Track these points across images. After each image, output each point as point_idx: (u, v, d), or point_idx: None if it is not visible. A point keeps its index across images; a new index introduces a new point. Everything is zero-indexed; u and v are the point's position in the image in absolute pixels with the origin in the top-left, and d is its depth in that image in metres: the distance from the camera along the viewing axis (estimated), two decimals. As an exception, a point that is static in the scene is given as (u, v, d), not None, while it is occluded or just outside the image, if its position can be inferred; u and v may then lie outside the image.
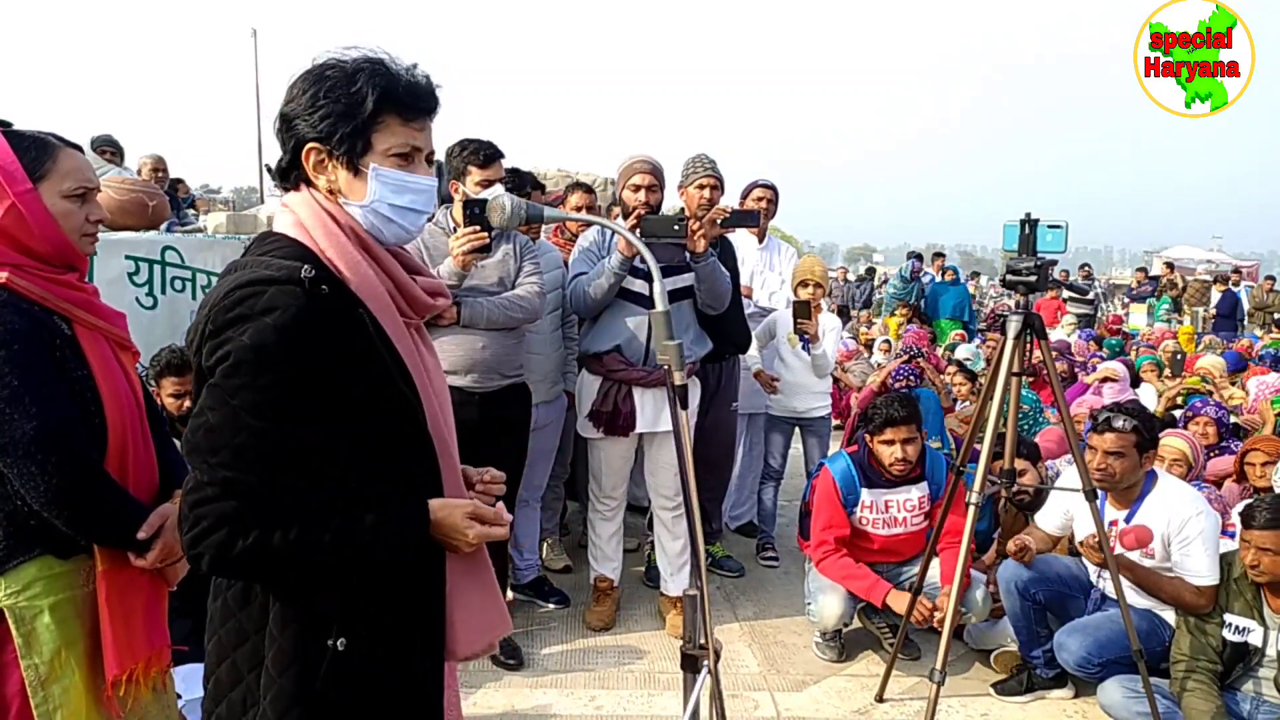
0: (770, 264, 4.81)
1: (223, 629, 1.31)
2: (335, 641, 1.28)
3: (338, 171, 1.35)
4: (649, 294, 3.48)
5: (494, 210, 1.51)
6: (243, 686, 1.29)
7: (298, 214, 1.35)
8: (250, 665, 1.29)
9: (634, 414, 3.51)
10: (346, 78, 1.31)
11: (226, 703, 1.30)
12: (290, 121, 1.34)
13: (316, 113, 1.31)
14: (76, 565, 1.70)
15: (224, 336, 1.22)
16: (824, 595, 3.50)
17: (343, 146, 1.32)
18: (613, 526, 3.79)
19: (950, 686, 3.08)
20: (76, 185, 1.70)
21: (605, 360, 3.48)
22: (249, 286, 1.23)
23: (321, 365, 1.24)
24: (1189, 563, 2.98)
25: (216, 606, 1.33)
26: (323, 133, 1.32)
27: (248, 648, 1.29)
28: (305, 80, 1.33)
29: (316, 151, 1.33)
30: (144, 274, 3.65)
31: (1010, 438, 2.84)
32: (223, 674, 1.31)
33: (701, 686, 1.53)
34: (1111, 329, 12.57)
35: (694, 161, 3.87)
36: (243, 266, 1.31)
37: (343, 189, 1.35)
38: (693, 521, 1.54)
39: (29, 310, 1.63)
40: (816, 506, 3.59)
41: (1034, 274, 2.71)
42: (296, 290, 1.23)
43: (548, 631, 3.70)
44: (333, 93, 1.30)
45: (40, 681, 1.65)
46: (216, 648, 1.32)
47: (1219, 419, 4.76)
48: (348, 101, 1.30)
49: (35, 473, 1.57)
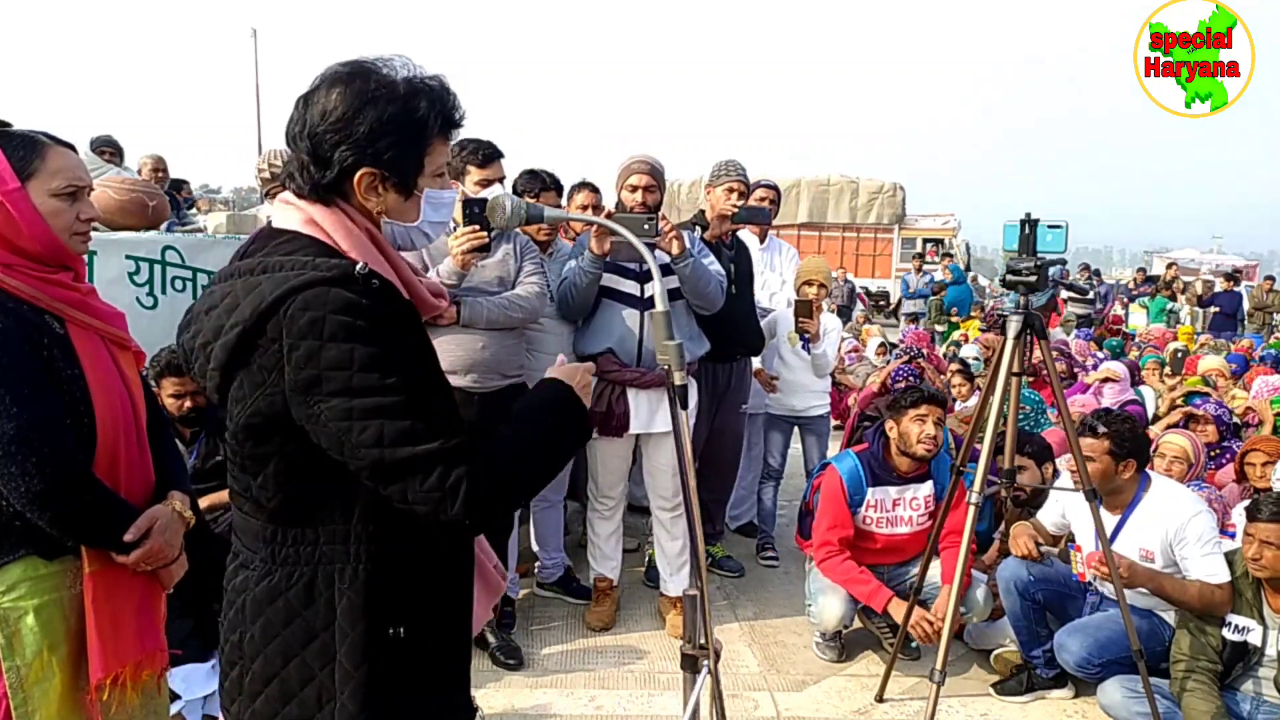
0: (771, 264, 4.83)
1: (286, 630, 1.30)
2: (397, 630, 1.31)
3: (389, 194, 1.33)
4: (640, 295, 3.48)
5: (495, 211, 1.51)
6: (315, 684, 1.29)
7: (311, 214, 1.31)
8: (323, 662, 1.29)
9: (628, 415, 3.51)
10: (403, 101, 1.28)
11: (297, 701, 1.30)
12: (336, 144, 1.27)
13: (380, 141, 1.27)
14: (63, 567, 1.69)
15: (307, 347, 1.19)
16: (824, 597, 3.49)
17: (402, 173, 1.32)
18: (611, 526, 3.80)
19: (950, 686, 3.08)
20: (66, 184, 1.69)
21: (599, 361, 3.48)
22: (307, 289, 1.20)
23: (399, 347, 1.25)
24: (1202, 564, 2.97)
25: (276, 608, 1.30)
26: (388, 162, 1.29)
27: (317, 645, 1.29)
28: (350, 96, 1.27)
29: (371, 176, 1.30)
30: (144, 274, 3.65)
31: (1010, 437, 2.84)
32: (290, 674, 1.30)
33: (701, 686, 1.53)
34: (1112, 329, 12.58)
35: (725, 164, 3.97)
36: (271, 268, 1.26)
37: (391, 210, 1.35)
38: (692, 521, 1.54)
39: (16, 309, 1.62)
40: (821, 506, 3.58)
41: (1034, 274, 2.71)
42: (354, 287, 1.23)
43: (548, 631, 3.70)
44: (397, 121, 1.27)
45: (21, 683, 1.64)
46: (281, 648, 1.30)
47: (1219, 418, 4.77)
48: (414, 131, 1.30)
49: (16, 473, 1.56)
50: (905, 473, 3.53)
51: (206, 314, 1.29)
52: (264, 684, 1.32)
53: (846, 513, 3.52)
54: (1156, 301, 15.98)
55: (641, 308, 3.48)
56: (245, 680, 1.33)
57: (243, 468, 1.32)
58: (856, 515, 3.55)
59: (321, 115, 1.28)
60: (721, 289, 3.58)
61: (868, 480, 3.54)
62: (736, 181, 3.91)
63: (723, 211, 3.89)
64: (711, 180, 4.00)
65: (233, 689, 1.36)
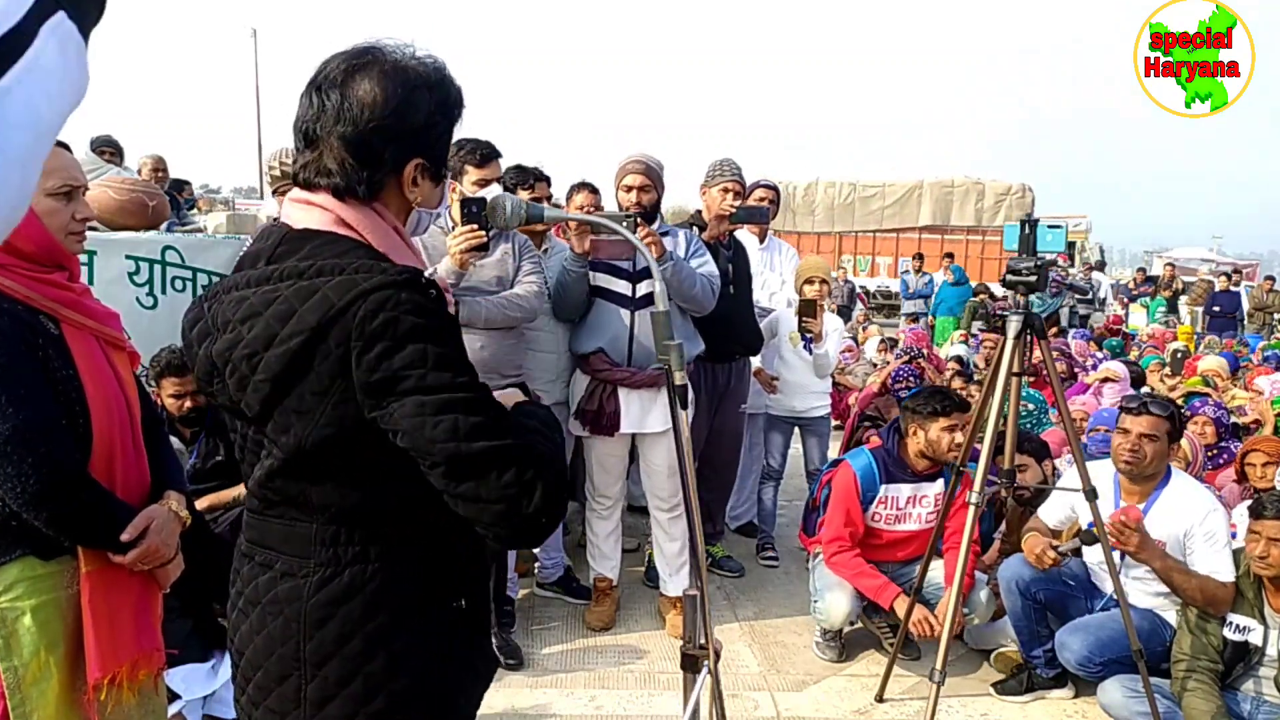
0: (771, 264, 4.82)
1: (369, 626, 1.28)
2: (459, 602, 1.36)
3: (425, 184, 1.33)
4: (632, 294, 3.48)
5: (495, 211, 1.51)
6: (403, 673, 1.29)
7: (339, 213, 1.27)
8: (406, 648, 1.30)
9: (619, 414, 3.50)
10: (442, 87, 1.29)
11: (385, 694, 1.29)
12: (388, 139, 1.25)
13: (433, 130, 1.28)
14: (60, 567, 1.69)
15: (383, 347, 1.17)
16: (831, 593, 3.48)
17: (440, 161, 1.33)
18: (609, 525, 3.79)
19: (950, 686, 3.08)
20: (61, 183, 1.68)
21: (591, 360, 3.48)
22: (379, 292, 1.17)
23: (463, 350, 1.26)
24: (1212, 560, 2.97)
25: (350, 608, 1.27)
26: (439, 152, 1.31)
27: (400, 633, 1.29)
28: (393, 88, 1.24)
29: (418, 168, 1.30)
30: (144, 274, 3.65)
31: (1010, 437, 2.84)
32: (376, 669, 1.28)
33: (701, 686, 1.53)
34: (1112, 329, 12.58)
35: (720, 164, 3.94)
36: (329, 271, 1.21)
37: (424, 199, 1.34)
38: (693, 521, 1.54)
39: (11, 309, 1.62)
40: (833, 502, 3.57)
41: (1034, 274, 2.71)
42: (425, 291, 1.21)
43: (548, 631, 3.70)
44: (441, 107, 1.28)
45: (19, 683, 1.63)
46: (362, 646, 1.27)
47: (1217, 419, 4.77)
48: (452, 114, 1.31)
49: (12, 474, 1.56)
50: (921, 471, 3.53)
51: (243, 322, 1.23)
52: (340, 685, 1.28)
53: (859, 509, 3.51)
54: (1156, 302, 16.00)
55: (633, 307, 3.48)
56: (307, 690, 1.29)
57: (300, 476, 1.26)
58: (866, 512, 3.54)
59: (364, 109, 1.23)
60: (713, 290, 3.54)
61: (881, 477, 3.53)
62: (732, 181, 3.89)
63: (720, 212, 3.88)
64: (707, 180, 3.96)
65: (283, 704, 1.31)
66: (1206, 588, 2.91)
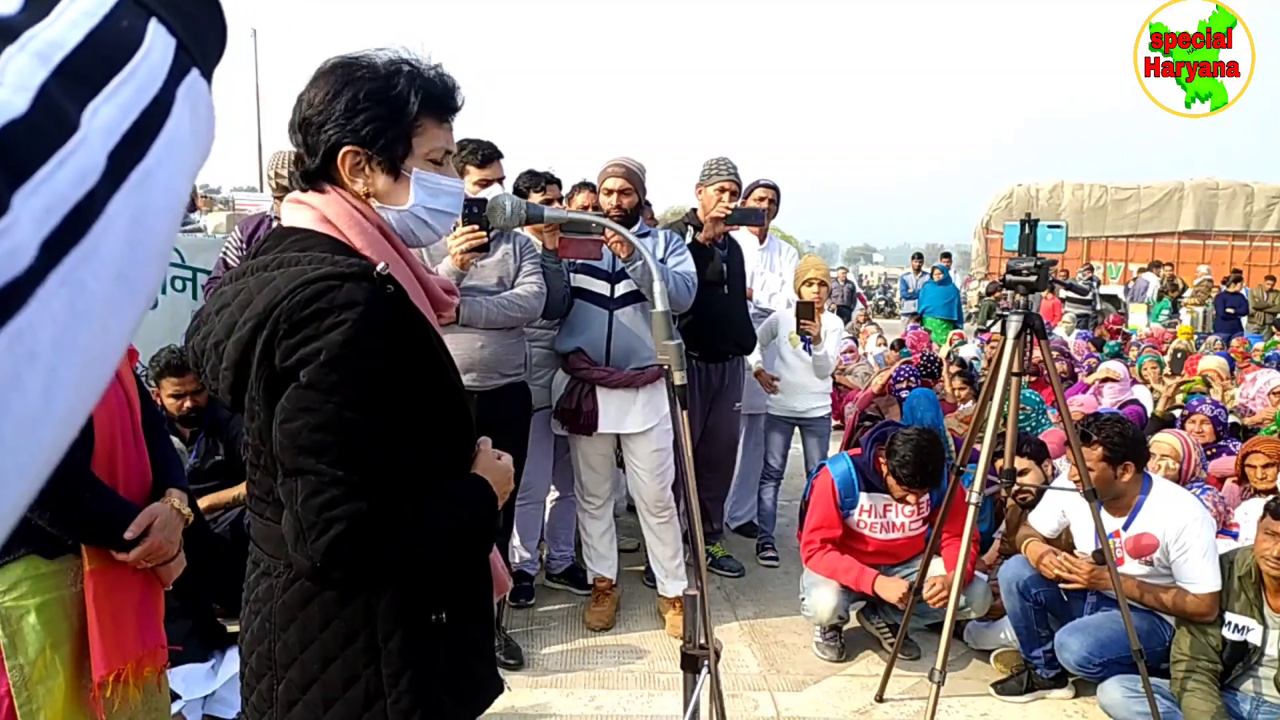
0: (770, 264, 4.81)
1: (324, 633, 1.27)
2: (439, 616, 1.32)
3: (376, 176, 1.32)
4: (610, 294, 3.48)
5: (495, 211, 1.51)
6: (361, 683, 1.27)
7: (323, 211, 1.30)
8: (367, 659, 1.27)
9: (596, 413, 3.50)
10: (384, 79, 1.29)
11: (342, 703, 1.27)
12: (320, 126, 1.29)
13: (358, 116, 1.27)
14: (64, 565, 1.69)
15: (304, 335, 1.16)
16: (816, 590, 3.50)
17: (386, 151, 1.30)
18: (603, 525, 3.80)
19: (950, 686, 3.08)
20: None
21: (570, 359, 3.49)
22: (321, 282, 1.17)
23: (399, 359, 1.23)
24: (1190, 570, 2.96)
25: (310, 612, 1.27)
26: (366, 136, 1.28)
27: (360, 643, 1.27)
28: (333, 81, 1.28)
29: (354, 154, 1.30)
30: (144, 274, 3.65)
31: (1010, 437, 2.84)
32: (331, 677, 1.27)
33: (701, 686, 1.53)
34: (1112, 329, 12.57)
35: (715, 163, 3.89)
36: (287, 263, 1.24)
37: (380, 193, 1.33)
38: (692, 521, 1.54)
39: None
40: (811, 505, 3.60)
41: (1034, 274, 2.71)
42: (368, 286, 1.20)
43: (548, 631, 3.70)
44: (374, 95, 1.27)
45: (25, 682, 1.64)
46: (319, 652, 1.27)
47: (1215, 417, 4.77)
48: (390, 105, 1.29)
49: None
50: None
51: (217, 314, 1.26)
52: (302, 690, 1.28)
53: (834, 514, 3.52)
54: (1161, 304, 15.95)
55: (611, 307, 3.48)
56: (278, 690, 1.30)
57: (266, 470, 1.27)
58: (850, 518, 3.55)
59: (308, 104, 1.30)
60: (689, 289, 3.48)
61: (860, 485, 3.53)
62: (728, 181, 3.83)
63: (716, 214, 3.85)
64: (702, 179, 3.92)
65: (261, 702, 1.32)
66: (1179, 603, 2.94)
